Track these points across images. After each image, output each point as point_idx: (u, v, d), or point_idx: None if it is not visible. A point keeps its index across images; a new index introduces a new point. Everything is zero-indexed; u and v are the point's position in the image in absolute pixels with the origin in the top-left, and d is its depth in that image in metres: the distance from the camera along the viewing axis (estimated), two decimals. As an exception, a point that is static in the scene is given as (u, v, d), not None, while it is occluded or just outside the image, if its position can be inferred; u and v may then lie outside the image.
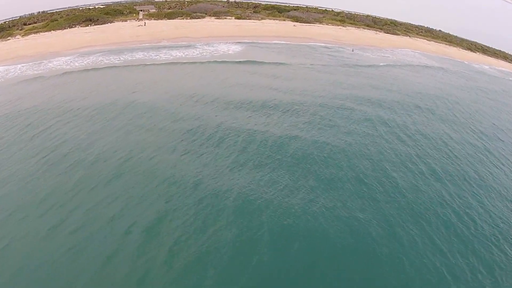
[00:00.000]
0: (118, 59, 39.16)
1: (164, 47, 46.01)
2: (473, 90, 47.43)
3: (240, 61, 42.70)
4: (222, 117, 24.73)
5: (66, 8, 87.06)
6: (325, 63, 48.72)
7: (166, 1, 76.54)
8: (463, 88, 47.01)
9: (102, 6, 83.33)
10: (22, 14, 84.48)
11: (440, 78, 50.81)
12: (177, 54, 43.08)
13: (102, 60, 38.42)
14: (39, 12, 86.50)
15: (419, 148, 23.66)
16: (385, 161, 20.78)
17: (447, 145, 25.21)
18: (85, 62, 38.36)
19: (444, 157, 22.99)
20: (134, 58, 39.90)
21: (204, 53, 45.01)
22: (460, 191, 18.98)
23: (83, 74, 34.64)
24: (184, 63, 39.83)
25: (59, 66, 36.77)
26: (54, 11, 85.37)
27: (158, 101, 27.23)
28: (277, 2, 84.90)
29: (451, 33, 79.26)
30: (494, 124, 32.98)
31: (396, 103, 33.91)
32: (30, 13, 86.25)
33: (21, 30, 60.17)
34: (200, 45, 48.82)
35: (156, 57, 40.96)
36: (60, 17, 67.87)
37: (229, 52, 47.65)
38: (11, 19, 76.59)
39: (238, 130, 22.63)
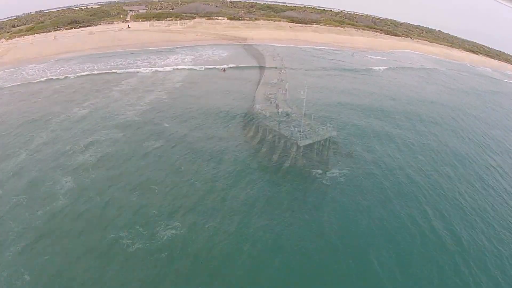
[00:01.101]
0: (92, 67, 37.54)
1: (145, 52, 44.05)
2: (478, 96, 44.47)
3: (224, 67, 40.30)
4: (179, 137, 22.86)
5: (64, 7, 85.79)
6: (319, 67, 45.97)
7: (159, 1, 74.63)
8: (466, 94, 44.04)
9: (96, 6, 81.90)
10: (20, 13, 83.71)
11: (443, 82, 47.77)
12: (156, 60, 41.10)
13: (75, 69, 36.90)
14: (36, 11, 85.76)
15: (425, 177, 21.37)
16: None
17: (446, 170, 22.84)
18: (58, 70, 36.96)
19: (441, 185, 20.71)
20: (109, 66, 38.23)
21: (186, 59, 42.83)
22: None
23: (53, 83, 33.16)
24: (161, 71, 37.79)
25: (30, 76, 35.45)
26: (51, 10, 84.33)
27: (114, 116, 25.45)
28: (275, 2, 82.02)
29: (450, 33, 75.69)
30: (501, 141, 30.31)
31: (398, 114, 32.01)
32: (27, 12, 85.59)
33: (8, 32, 59.08)
34: (183, 50, 46.64)
35: (132, 64, 39.10)
36: (49, 19, 66.59)
37: (214, 58, 45.25)
38: (7, 19, 76.02)
39: (193, 157, 20.71)
